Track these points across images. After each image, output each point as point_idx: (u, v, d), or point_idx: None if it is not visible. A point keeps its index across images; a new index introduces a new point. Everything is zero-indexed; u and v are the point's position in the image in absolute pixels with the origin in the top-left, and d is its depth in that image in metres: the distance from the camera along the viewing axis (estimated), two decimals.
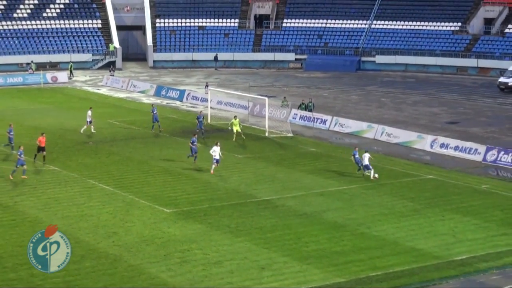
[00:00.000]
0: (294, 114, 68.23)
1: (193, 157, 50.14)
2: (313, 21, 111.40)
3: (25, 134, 59.83)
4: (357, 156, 48.26)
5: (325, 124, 65.33)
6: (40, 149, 49.89)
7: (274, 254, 34.10)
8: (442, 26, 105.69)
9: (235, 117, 60.64)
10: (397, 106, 76.64)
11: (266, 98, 66.11)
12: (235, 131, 59.00)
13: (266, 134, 61.55)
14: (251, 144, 58.29)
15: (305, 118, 67.24)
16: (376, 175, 47.26)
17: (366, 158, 47.68)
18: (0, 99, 79.37)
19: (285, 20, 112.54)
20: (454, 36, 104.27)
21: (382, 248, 35.09)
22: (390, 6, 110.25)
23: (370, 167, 47.47)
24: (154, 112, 61.85)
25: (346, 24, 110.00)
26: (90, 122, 60.35)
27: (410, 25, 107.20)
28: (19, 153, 45.93)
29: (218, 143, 48.59)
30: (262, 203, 42.23)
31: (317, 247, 35.08)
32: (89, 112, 60.48)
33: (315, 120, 66.16)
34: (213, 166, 47.83)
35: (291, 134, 61.89)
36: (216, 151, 47.81)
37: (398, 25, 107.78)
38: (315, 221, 39.03)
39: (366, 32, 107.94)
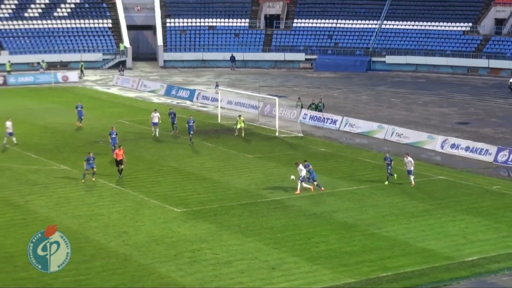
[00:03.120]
0: (304, 114, 68.17)
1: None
2: (323, 21, 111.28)
3: (36, 133, 60.13)
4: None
5: (335, 124, 65.26)
6: (118, 162, 47.10)
7: (284, 254, 34.08)
8: (453, 26, 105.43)
9: (239, 116, 61.72)
10: (407, 107, 76.49)
11: (277, 98, 66.07)
12: (238, 127, 60.31)
13: (276, 134, 61.53)
14: (261, 144, 58.29)
15: (315, 118, 67.19)
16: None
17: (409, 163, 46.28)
18: (11, 99, 79.64)
19: (295, 20, 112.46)
20: (465, 37, 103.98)
21: (392, 248, 35.02)
22: (400, 6, 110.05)
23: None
24: (172, 115, 61.37)
25: (356, 24, 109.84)
26: (10, 134, 55.78)
27: (421, 25, 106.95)
28: (87, 158, 45.76)
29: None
30: (272, 203, 42.21)
31: (327, 247, 35.04)
32: (8, 123, 55.92)
33: (325, 120, 66.10)
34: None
35: (301, 134, 61.84)
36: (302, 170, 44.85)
37: (409, 25, 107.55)
38: (325, 221, 38.99)
39: (376, 32, 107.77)
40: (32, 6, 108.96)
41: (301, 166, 44.46)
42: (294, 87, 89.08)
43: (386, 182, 46.28)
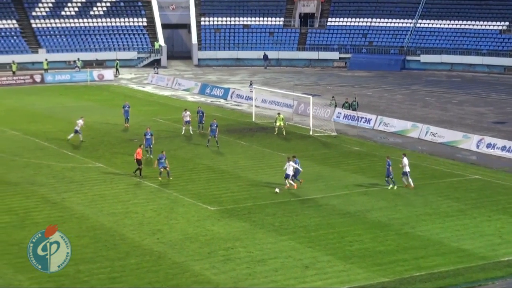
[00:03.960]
0: (338, 113, 68.08)
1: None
2: (357, 20, 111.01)
3: (72, 131, 60.45)
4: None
5: (369, 123, 65.10)
6: (139, 162, 46.80)
7: (317, 253, 34.10)
8: (489, 25, 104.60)
9: (278, 113, 61.70)
10: (442, 106, 76.07)
11: (311, 97, 66.05)
12: (277, 124, 60.27)
13: (310, 133, 61.52)
14: (295, 142, 58.31)
15: (349, 117, 67.07)
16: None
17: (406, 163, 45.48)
18: (48, 96, 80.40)
19: (329, 19, 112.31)
20: (501, 36, 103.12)
21: (426, 248, 34.90)
22: (436, 5, 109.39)
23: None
24: (200, 114, 61.52)
25: (391, 23, 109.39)
26: (77, 131, 57.05)
27: (456, 24, 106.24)
28: (159, 157, 46.11)
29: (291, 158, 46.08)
30: (306, 201, 42.25)
31: (360, 247, 35.01)
32: (80, 121, 57.43)
33: (359, 119, 65.96)
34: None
35: (335, 133, 61.78)
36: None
37: (444, 24, 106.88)
38: (358, 221, 38.95)
39: (411, 31, 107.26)
40: (69, 4, 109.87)
41: (292, 162, 44.50)
42: (328, 85, 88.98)
43: (391, 186, 45.06)
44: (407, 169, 45.21)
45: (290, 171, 44.50)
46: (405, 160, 45.38)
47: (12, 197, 41.27)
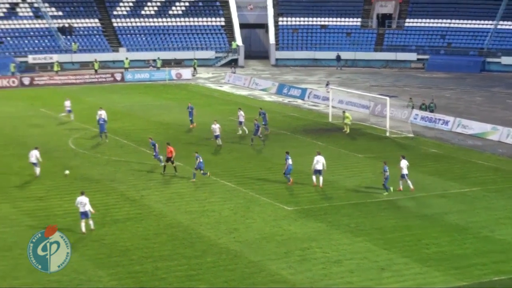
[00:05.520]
0: (415, 114, 67.53)
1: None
2: (436, 20, 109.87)
3: (151, 129, 61.40)
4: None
5: (447, 125, 64.41)
6: (169, 159, 47.68)
7: (394, 255, 33.97)
8: None
9: (343, 112, 63.35)
10: None
11: (388, 98, 65.64)
12: (346, 122, 61.63)
13: (387, 134, 61.20)
14: (372, 143, 58.09)
15: (427, 118, 66.48)
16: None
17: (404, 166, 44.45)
18: (128, 95, 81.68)
19: (407, 20, 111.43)
20: None
21: (506, 252, 34.45)
22: None
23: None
24: (262, 116, 61.46)
25: (470, 24, 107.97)
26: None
27: None
28: (196, 157, 46.53)
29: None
30: (382, 203, 42.08)
31: (437, 249, 34.74)
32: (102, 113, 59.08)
33: (437, 121, 65.34)
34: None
35: (412, 135, 61.33)
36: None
37: None
38: (436, 223, 38.64)
39: (491, 33, 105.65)
40: (149, 4, 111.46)
41: (321, 157, 44.95)
42: (405, 87, 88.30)
43: (386, 193, 43.93)
44: (405, 171, 44.23)
45: (320, 166, 44.56)
46: (403, 163, 44.42)
47: (94, 194, 42.09)
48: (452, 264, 32.86)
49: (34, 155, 46.50)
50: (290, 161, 45.68)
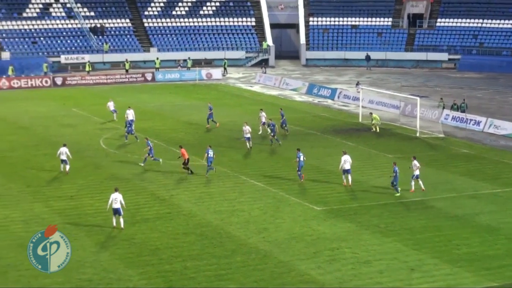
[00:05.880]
0: (446, 114, 67.16)
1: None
2: (468, 20, 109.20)
3: (181, 129, 61.66)
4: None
5: (478, 126, 63.99)
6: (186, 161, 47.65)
7: (423, 255, 33.82)
8: None
9: (370, 113, 63.33)
10: None
11: (418, 98, 65.37)
12: (373, 122, 61.78)
13: (417, 135, 60.93)
14: (402, 144, 57.86)
15: (458, 119, 66.08)
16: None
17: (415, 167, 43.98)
18: (158, 95, 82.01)
19: (439, 20, 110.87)
20: None
21: None
22: None
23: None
24: (284, 117, 61.23)
25: (503, 24, 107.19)
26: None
27: None
28: (207, 151, 47.21)
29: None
30: (412, 204, 41.91)
31: (468, 250, 34.55)
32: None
33: (468, 121, 64.93)
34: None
35: (442, 135, 61.01)
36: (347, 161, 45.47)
37: None
38: (466, 224, 38.42)
39: None
40: (180, 4, 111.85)
41: (348, 156, 45.21)
42: (436, 87, 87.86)
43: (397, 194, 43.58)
44: (417, 172, 43.85)
45: (348, 166, 44.58)
46: (416, 163, 44.04)
47: (124, 193, 42.16)
48: (483, 265, 32.67)
49: (64, 152, 47.34)
50: (302, 158, 45.82)
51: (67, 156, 47.14)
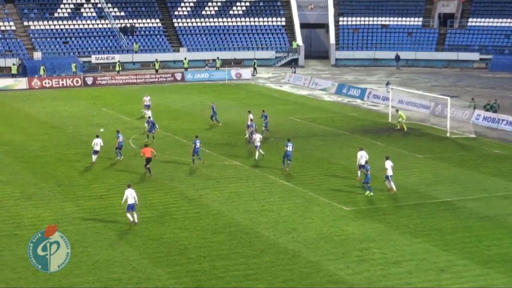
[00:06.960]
0: (477, 115, 66.69)
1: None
2: (500, 20, 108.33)
3: (210, 129, 61.63)
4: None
5: (511, 126, 63.46)
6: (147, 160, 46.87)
7: (453, 256, 33.62)
8: None
9: (397, 110, 63.99)
10: None
11: (448, 98, 64.99)
12: (400, 120, 62.17)
13: (448, 135, 60.56)
14: (432, 144, 57.54)
15: (489, 119, 65.61)
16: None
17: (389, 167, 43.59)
18: (188, 94, 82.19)
19: (470, 19, 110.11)
20: None
21: None
22: None
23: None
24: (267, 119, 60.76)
25: None
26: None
27: None
28: (194, 142, 47.95)
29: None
30: (442, 204, 41.66)
31: (499, 251, 34.28)
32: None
33: (500, 121, 64.44)
34: None
35: (473, 135, 60.59)
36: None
37: None
38: (498, 225, 38.12)
39: None
40: (210, 4, 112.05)
41: (364, 152, 45.94)
42: (467, 87, 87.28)
43: (367, 193, 43.07)
44: (390, 172, 43.45)
45: (363, 161, 44.92)
46: (387, 163, 43.61)
47: (153, 192, 42.53)
48: None
49: (98, 143, 49.53)
50: (289, 148, 47.48)
51: (100, 147, 49.04)
